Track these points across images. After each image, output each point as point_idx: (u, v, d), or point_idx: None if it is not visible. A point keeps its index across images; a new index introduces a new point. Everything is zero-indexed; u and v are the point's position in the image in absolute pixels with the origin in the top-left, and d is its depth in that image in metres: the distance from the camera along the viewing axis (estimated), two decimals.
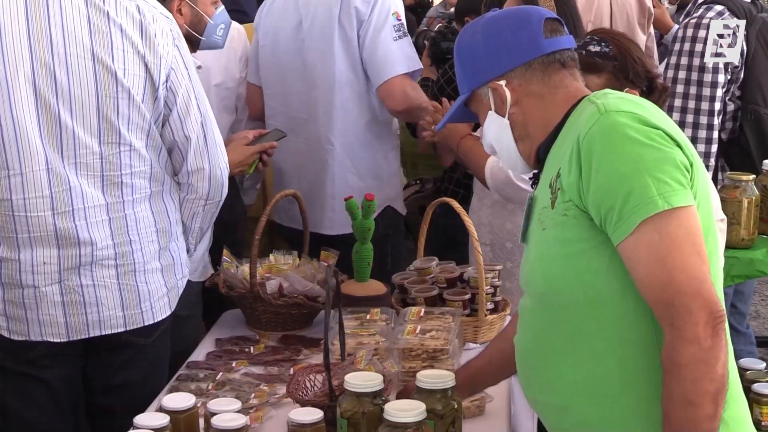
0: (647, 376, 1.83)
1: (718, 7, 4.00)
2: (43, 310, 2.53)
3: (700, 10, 4.04)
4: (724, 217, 2.90)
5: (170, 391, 2.52)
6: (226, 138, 3.29)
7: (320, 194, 3.64)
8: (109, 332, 2.58)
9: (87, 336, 2.57)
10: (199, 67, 3.34)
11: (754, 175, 3.59)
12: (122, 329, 2.60)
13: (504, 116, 2.05)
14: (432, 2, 9.10)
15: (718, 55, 3.85)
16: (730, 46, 3.83)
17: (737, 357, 3.58)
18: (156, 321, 2.66)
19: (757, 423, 3.17)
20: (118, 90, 2.49)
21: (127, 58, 2.50)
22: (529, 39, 2.03)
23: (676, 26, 4.70)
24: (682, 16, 4.22)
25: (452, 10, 5.48)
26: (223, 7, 3.35)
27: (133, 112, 2.52)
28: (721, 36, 3.84)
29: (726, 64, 3.91)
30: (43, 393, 2.63)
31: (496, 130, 2.09)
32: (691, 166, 1.83)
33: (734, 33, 3.84)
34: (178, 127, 2.62)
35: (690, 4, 4.21)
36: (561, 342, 1.94)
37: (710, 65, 3.90)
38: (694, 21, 4.01)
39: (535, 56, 2.03)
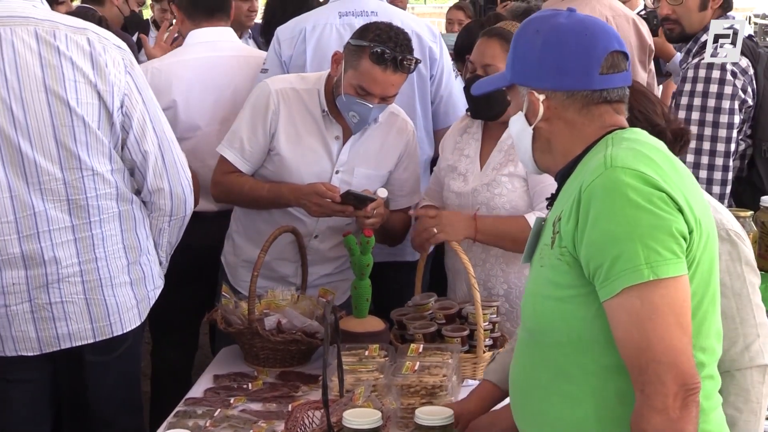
0: (624, 428, 1.82)
1: (728, 46, 3.98)
2: (15, 327, 2.70)
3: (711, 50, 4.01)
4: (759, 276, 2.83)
5: (168, 427, 2.52)
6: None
7: None
8: (79, 344, 2.75)
9: (58, 348, 2.74)
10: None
11: (751, 212, 3.59)
12: (92, 340, 2.77)
13: (530, 125, 2.01)
14: None
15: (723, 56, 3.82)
16: (731, 44, 3.80)
17: None
18: (125, 332, 2.82)
19: None
20: (72, 119, 2.65)
21: (79, 88, 2.66)
22: (583, 69, 1.95)
23: (678, 54, 4.68)
24: (685, 53, 4.18)
25: None
26: (370, 106, 3.10)
27: (91, 138, 2.68)
28: (720, 36, 3.82)
29: (741, 104, 3.87)
30: (19, 395, 2.79)
31: (518, 130, 2.05)
32: (691, 232, 1.81)
33: (735, 34, 3.80)
34: (136, 149, 2.79)
35: (690, 43, 4.17)
36: (545, 379, 1.95)
37: (723, 79, 3.85)
38: (705, 61, 3.97)
39: (582, 88, 1.96)
